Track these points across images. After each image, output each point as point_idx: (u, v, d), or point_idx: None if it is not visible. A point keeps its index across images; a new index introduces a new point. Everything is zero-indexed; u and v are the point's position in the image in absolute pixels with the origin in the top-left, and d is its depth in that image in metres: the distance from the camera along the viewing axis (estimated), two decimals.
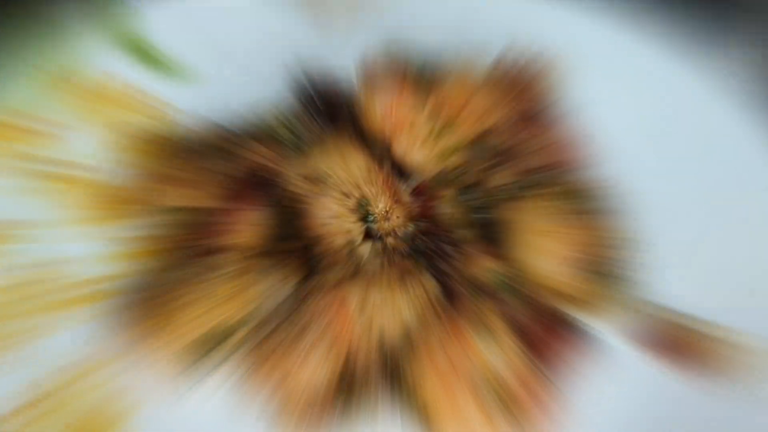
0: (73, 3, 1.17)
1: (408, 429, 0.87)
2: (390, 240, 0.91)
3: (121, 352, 0.91)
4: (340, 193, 0.91)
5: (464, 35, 1.04)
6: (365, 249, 0.91)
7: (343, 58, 1.03)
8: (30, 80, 1.06)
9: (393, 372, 0.87)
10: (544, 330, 0.88)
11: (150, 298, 0.89)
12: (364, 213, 0.91)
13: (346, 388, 0.87)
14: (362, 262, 0.89)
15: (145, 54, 1.11)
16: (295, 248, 0.89)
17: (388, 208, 0.91)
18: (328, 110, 0.98)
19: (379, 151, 0.93)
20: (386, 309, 0.87)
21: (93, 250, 0.98)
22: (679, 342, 0.90)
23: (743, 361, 0.90)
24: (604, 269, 0.91)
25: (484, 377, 0.84)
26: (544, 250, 0.89)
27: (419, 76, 0.98)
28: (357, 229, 0.91)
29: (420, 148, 0.90)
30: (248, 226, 0.91)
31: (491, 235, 0.90)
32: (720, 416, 0.87)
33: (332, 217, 0.90)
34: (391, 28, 1.04)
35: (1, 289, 0.93)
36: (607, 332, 0.93)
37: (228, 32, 1.13)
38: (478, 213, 0.91)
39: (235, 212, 0.92)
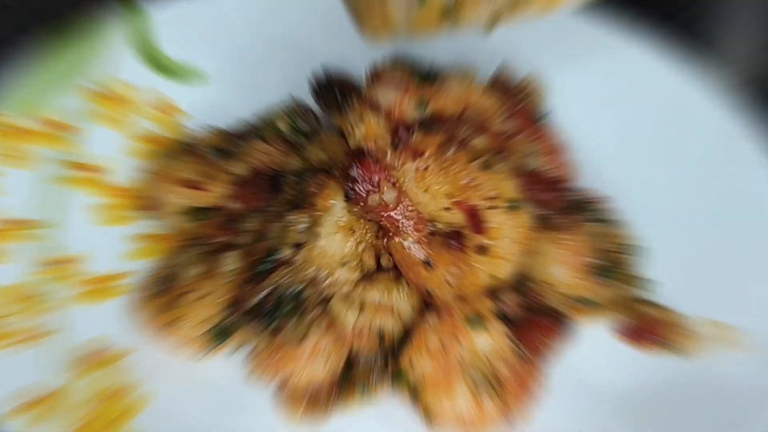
0: (91, 11, 1.18)
1: (403, 407, 0.89)
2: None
3: (137, 343, 0.92)
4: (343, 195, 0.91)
5: (465, 49, 1.05)
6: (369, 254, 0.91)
7: (355, 60, 1.04)
8: (52, 86, 1.08)
9: (392, 361, 0.89)
10: (533, 322, 0.90)
11: (163, 292, 0.90)
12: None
13: (349, 379, 0.89)
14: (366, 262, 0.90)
15: (157, 60, 1.13)
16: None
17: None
18: (335, 96, 0.99)
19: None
20: (384, 306, 0.89)
21: (109, 246, 0.99)
22: (658, 330, 0.94)
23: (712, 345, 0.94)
24: (607, 272, 0.93)
25: (476, 365, 0.86)
26: (553, 256, 0.91)
27: (423, 79, 0.99)
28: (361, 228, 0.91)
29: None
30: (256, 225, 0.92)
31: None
32: (689, 393, 0.91)
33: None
34: (404, 43, 1.05)
35: (22, 284, 0.93)
36: (589, 322, 0.96)
37: (235, 35, 1.15)
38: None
39: (243, 211, 0.94)
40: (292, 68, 0.95)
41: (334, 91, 0.99)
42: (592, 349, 0.94)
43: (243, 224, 0.91)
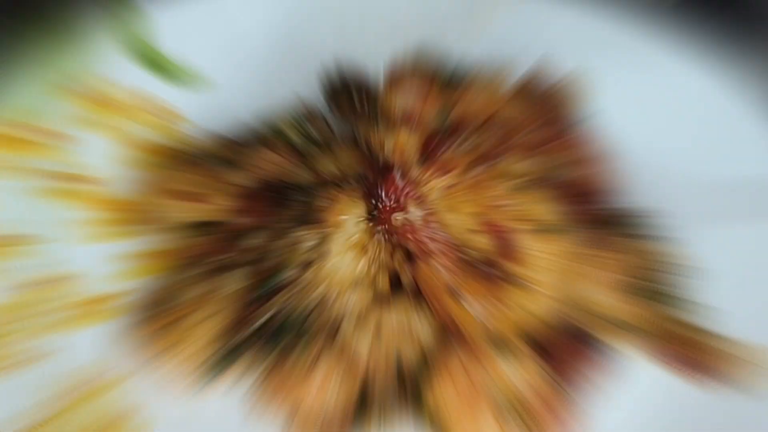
0: (81, 9, 1.16)
1: None
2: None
3: (133, 369, 0.90)
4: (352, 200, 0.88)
5: (495, 48, 1.03)
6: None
7: (371, 59, 1.02)
8: (38, 90, 1.06)
9: (412, 391, 0.86)
10: (565, 347, 0.87)
11: (160, 314, 0.88)
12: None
13: (364, 410, 0.86)
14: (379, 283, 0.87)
15: (155, 61, 1.10)
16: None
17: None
18: (349, 100, 0.97)
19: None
20: (403, 331, 0.86)
21: (102, 265, 0.97)
22: (703, 357, 0.90)
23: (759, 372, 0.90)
24: (647, 291, 0.90)
25: (504, 395, 0.83)
26: (590, 275, 0.88)
27: (446, 83, 0.97)
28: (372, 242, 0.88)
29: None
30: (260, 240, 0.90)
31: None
32: (735, 425, 0.87)
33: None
34: (425, 36, 1.04)
35: (8, 305, 0.92)
36: (631, 349, 0.92)
37: (239, 37, 1.12)
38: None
39: (246, 226, 0.92)
40: (302, 69, 0.94)
41: (348, 94, 0.97)
42: (637, 384, 0.91)
43: (246, 241, 0.89)
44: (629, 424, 0.88)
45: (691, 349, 0.90)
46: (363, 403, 0.86)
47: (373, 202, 0.82)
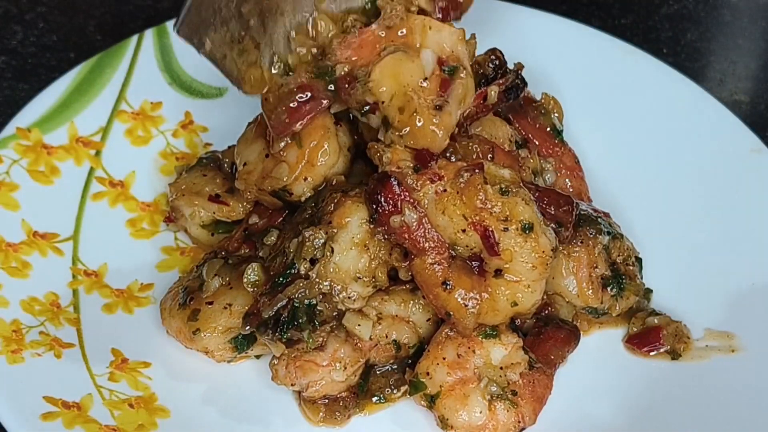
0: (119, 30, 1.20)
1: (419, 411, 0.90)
2: None
3: (158, 356, 0.93)
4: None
5: None
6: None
7: None
8: (84, 106, 1.09)
9: (408, 372, 0.90)
10: (545, 333, 0.92)
11: (186, 304, 0.90)
12: None
13: (366, 387, 0.91)
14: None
15: (179, 77, 1.15)
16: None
17: None
18: None
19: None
20: (400, 319, 0.90)
21: (133, 259, 1.00)
22: (661, 338, 0.96)
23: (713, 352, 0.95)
24: (617, 283, 0.94)
25: (491, 376, 0.87)
26: (564, 269, 0.92)
27: None
28: None
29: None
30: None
31: None
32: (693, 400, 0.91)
33: None
34: None
35: (44, 296, 0.94)
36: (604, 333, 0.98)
37: None
38: None
39: (263, 226, 0.95)
40: None
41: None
42: (590, 353, 0.96)
43: (263, 238, 0.92)
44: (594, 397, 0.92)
45: (645, 329, 0.96)
46: (366, 381, 0.91)
47: (374, 206, 0.85)
